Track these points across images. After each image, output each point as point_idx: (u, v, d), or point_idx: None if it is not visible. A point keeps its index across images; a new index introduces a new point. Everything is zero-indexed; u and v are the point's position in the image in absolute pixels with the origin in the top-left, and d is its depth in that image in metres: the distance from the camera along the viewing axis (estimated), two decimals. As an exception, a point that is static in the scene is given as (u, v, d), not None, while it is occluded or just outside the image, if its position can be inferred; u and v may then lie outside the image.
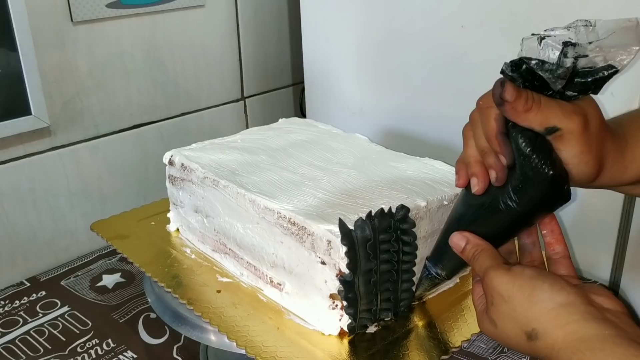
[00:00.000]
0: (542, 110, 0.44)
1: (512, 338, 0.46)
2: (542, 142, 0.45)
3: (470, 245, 0.51)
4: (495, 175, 0.48)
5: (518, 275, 0.46)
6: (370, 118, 1.10)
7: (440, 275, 0.57)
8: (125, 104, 1.07)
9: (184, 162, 0.76)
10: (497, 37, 0.87)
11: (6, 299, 0.93)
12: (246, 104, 1.29)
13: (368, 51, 1.06)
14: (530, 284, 0.45)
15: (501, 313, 0.46)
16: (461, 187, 0.51)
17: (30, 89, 0.91)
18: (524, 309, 0.45)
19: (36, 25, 0.91)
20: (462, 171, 0.50)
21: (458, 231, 0.52)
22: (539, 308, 0.44)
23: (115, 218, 0.87)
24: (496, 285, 0.46)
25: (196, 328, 0.67)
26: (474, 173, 0.49)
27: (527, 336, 0.44)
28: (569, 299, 0.43)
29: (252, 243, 0.69)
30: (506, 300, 0.46)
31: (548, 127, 0.45)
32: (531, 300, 0.44)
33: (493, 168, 0.48)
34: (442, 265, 0.56)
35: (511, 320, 0.46)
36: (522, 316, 0.45)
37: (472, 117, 0.50)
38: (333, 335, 0.62)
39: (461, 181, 0.50)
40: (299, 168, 0.74)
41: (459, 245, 0.51)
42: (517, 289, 0.45)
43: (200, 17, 1.15)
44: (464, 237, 0.51)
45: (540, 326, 0.44)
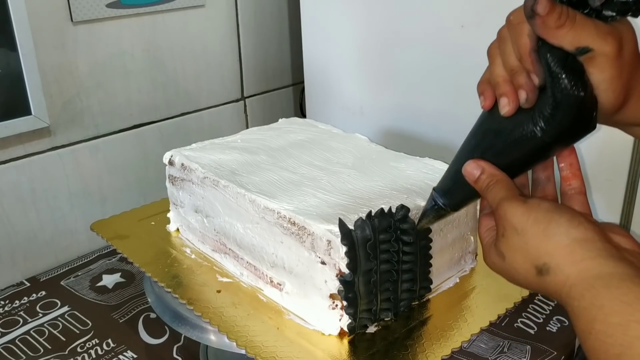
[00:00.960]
0: (575, 28, 0.41)
1: (519, 272, 0.44)
2: (574, 63, 0.43)
3: (485, 174, 0.47)
4: (526, 96, 0.44)
5: (534, 208, 0.44)
6: (370, 118, 1.10)
7: (447, 207, 0.52)
8: (125, 104, 1.07)
9: (184, 162, 0.76)
10: (497, 37, 0.87)
11: (6, 299, 0.93)
12: (246, 104, 1.29)
13: (368, 51, 1.06)
14: (547, 217, 0.43)
15: (512, 245, 0.44)
16: (487, 109, 0.47)
17: (30, 89, 0.91)
18: (537, 242, 0.42)
19: (36, 25, 0.91)
20: (487, 92, 0.47)
21: (473, 159, 0.48)
22: (553, 242, 0.42)
23: (115, 218, 0.87)
24: (510, 217, 0.44)
25: (196, 328, 0.67)
26: (503, 93, 0.45)
27: (537, 271, 0.43)
28: (586, 235, 0.41)
29: (252, 243, 0.69)
30: (519, 232, 0.43)
31: (580, 47, 0.42)
32: (546, 234, 0.42)
33: (523, 88, 0.44)
34: (450, 196, 0.52)
35: (521, 254, 0.43)
36: (534, 249, 0.43)
37: (500, 35, 0.46)
38: (333, 335, 0.62)
39: (487, 102, 0.47)
40: (299, 168, 0.74)
41: (472, 174, 0.48)
42: (532, 222, 0.43)
43: (200, 17, 1.15)
44: (479, 166, 0.47)
45: (552, 261, 0.42)
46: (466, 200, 0.52)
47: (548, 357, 0.75)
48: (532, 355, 0.75)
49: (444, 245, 0.69)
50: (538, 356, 0.75)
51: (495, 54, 0.47)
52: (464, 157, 0.49)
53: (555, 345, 0.76)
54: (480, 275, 0.73)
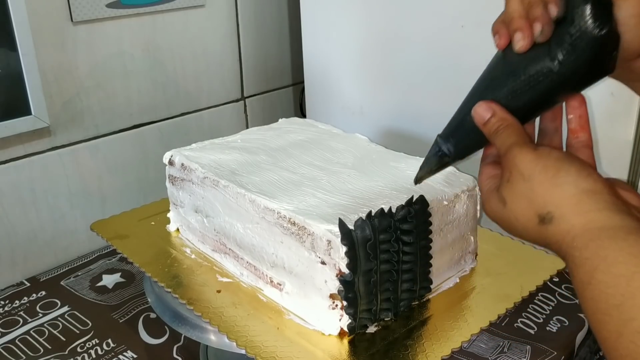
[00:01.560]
0: None
1: (519, 219, 0.43)
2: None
3: (495, 118, 0.45)
4: (541, 28, 0.42)
5: (544, 155, 0.42)
6: (370, 118, 1.10)
7: (451, 153, 0.50)
8: (125, 104, 1.07)
9: (184, 162, 0.76)
10: (497, 37, 0.87)
11: (6, 299, 0.93)
12: (246, 104, 1.29)
13: (368, 51, 1.06)
14: (556, 165, 0.42)
15: (516, 191, 0.43)
16: (502, 47, 0.45)
17: (30, 89, 0.91)
18: (544, 189, 0.41)
19: (36, 25, 0.91)
20: (502, 30, 0.45)
21: (484, 101, 0.46)
22: (560, 191, 0.41)
23: (115, 218, 0.87)
24: (518, 163, 0.43)
25: (196, 328, 0.67)
26: (517, 27, 0.43)
27: (540, 219, 0.42)
28: (595, 186, 0.40)
29: (252, 243, 0.69)
30: (526, 178, 0.42)
31: None
32: (553, 183, 0.41)
33: (539, 20, 0.42)
34: (455, 142, 0.50)
35: (525, 200, 0.42)
36: (540, 197, 0.41)
37: None
38: (333, 335, 0.62)
39: (503, 40, 0.45)
40: (299, 168, 0.74)
41: (482, 116, 0.46)
42: (541, 169, 0.42)
43: (200, 17, 1.15)
44: (490, 109, 0.46)
45: (557, 210, 0.41)
46: (472, 147, 0.50)
47: (548, 357, 0.75)
48: (532, 355, 0.75)
49: (444, 245, 0.69)
50: (538, 356, 0.75)
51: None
52: (473, 101, 0.47)
53: (555, 345, 0.76)
54: (480, 275, 0.73)
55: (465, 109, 0.48)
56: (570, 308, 0.85)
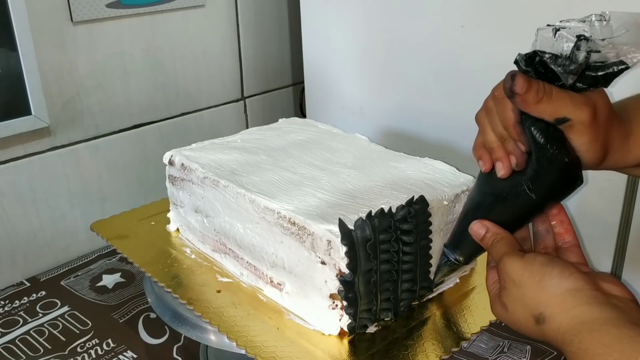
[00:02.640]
0: (553, 101, 0.46)
1: (521, 322, 0.48)
2: (555, 132, 0.47)
3: (489, 233, 0.52)
4: (515, 161, 0.50)
5: (530, 262, 0.47)
6: (370, 118, 1.10)
7: (459, 261, 0.58)
8: (125, 104, 1.07)
9: (184, 162, 0.76)
10: (497, 37, 0.87)
11: (6, 299, 0.93)
12: (246, 104, 1.29)
13: (368, 51, 1.06)
14: (541, 270, 0.46)
15: (512, 297, 0.48)
16: (487, 172, 0.52)
17: (30, 89, 0.91)
18: (533, 293, 0.46)
19: (36, 25, 0.91)
20: (485, 156, 0.52)
21: (478, 220, 0.53)
22: (547, 293, 0.45)
23: (115, 218, 0.87)
24: (509, 271, 0.48)
25: (196, 328, 0.67)
26: (498, 158, 0.50)
27: (535, 320, 0.46)
28: (577, 284, 0.45)
29: (252, 243, 0.69)
30: (517, 285, 0.47)
31: (559, 118, 0.46)
32: (540, 286, 0.46)
33: (513, 154, 0.50)
34: (461, 252, 0.57)
35: (521, 305, 0.47)
36: (531, 300, 0.46)
37: (487, 105, 0.51)
38: (333, 335, 0.62)
39: (487, 165, 0.51)
40: (299, 168, 0.74)
41: (478, 233, 0.53)
42: (528, 275, 0.47)
43: (200, 17, 1.15)
44: (484, 226, 0.52)
45: (547, 310, 0.45)
46: (475, 254, 0.57)
47: (548, 357, 0.75)
48: (532, 355, 0.75)
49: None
50: (538, 356, 0.75)
51: (484, 122, 0.51)
52: (470, 216, 0.54)
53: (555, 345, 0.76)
54: (480, 275, 0.73)
55: (464, 223, 0.55)
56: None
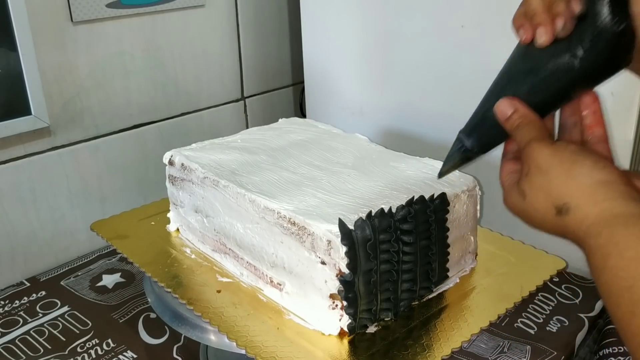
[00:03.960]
0: None
1: (539, 211, 0.45)
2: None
3: (517, 114, 0.48)
4: (563, 24, 0.45)
5: (561, 149, 0.45)
6: (370, 118, 1.10)
7: (474, 148, 0.53)
8: (125, 104, 1.07)
9: (184, 162, 0.76)
10: (497, 37, 0.87)
11: (6, 299, 0.93)
12: (246, 104, 1.29)
13: (368, 51, 1.06)
14: (572, 158, 0.44)
15: (534, 184, 0.45)
16: (527, 41, 0.47)
17: (30, 89, 0.91)
18: (560, 181, 0.44)
19: (36, 25, 0.91)
20: (526, 24, 0.46)
21: (506, 97, 0.48)
22: (576, 182, 0.43)
23: (115, 218, 0.87)
24: (537, 156, 0.45)
25: (196, 328, 0.67)
26: (540, 22, 0.45)
27: (557, 210, 0.43)
28: (609, 177, 0.42)
29: (252, 243, 0.69)
30: (543, 172, 0.44)
31: None
32: (569, 175, 0.43)
33: (561, 16, 0.45)
34: (478, 137, 0.52)
35: (543, 193, 0.44)
36: (556, 189, 0.44)
37: None
38: (333, 335, 0.62)
39: (528, 34, 0.46)
40: (299, 168, 0.74)
41: (505, 112, 0.48)
42: (557, 162, 0.44)
43: (200, 17, 1.15)
44: (512, 105, 0.48)
45: (573, 201, 0.43)
46: (494, 141, 0.52)
47: (548, 357, 0.75)
48: (532, 355, 0.75)
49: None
50: (538, 356, 0.75)
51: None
52: (495, 96, 0.49)
53: (555, 345, 0.76)
54: (480, 275, 0.73)
55: (487, 104, 0.50)
56: (570, 308, 0.85)
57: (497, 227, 0.81)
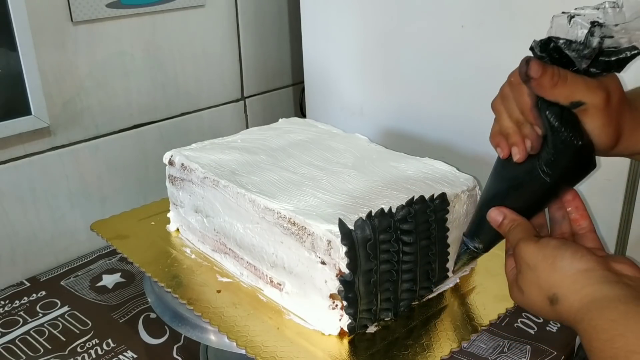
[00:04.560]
0: (568, 85, 0.47)
1: (537, 303, 0.49)
2: (570, 115, 0.49)
3: (507, 220, 0.54)
4: (531, 144, 0.51)
5: (544, 245, 0.49)
6: (370, 118, 1.10)
7: (478, 249, 0.59)
8: (125, 104, 1.07)
9: (184, 162, 0.76)
10: (497, 37, 0.87)
11: (6, 299, 0.93)
12: (246, 104, 1.29)
13: (368, 51, 1.06)
14: (554, 252, 0.48)
15: (527, 280, 0.50)
16: (505, 158, 0.53)
17: (30, 89, 0.91)
18: (547, 275, 0.48)
19: (36, 25, 0.91)
20: (502, 142, 0.53)
21: (495, 207, 0.55)
22: (559, 274, 0.47)
23: (115, 218, 0.87)
24: (524, 255, 0.50)
25: (196, 328, 0.67)
26: (514, 143, 0.52)
27: (550, 301, 0.48)
28: (588, 265, 0.46)
29: (252, 243, 0.69)
30: (532, 268, 0.49)
31: (573, 102, 0.48)
32: (553, 268, 0.48)
33: (529, 138, 0.51)
34: (480, 239, 0.59)
35: (535, 287, 0.49)
36: (545, 282, 0.48)
37: (503, 92, 0.53)
38: (333, 335, 0.62)
39: (505, 151, 0.53)
40: (299, 168, 0.74)
41: (496, 220, 0.55)
42: (542, 257, 0.49)
43: (200, 17, 1.15)
44: (501, 213, 0.54)
45: (560, 291, 0.47)
46: (494, 241, 0.59)
47: (548, 357, 0.75)
48: (532, 355, 0.75)
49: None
50: (538, 356, 0.75)
51: (500, 109, 0.53)
52: (487, 204, 0.56)
53: (555, 345, 0.76)
54: (480, 275, 0.73)
55: (482, 211, 0.57)
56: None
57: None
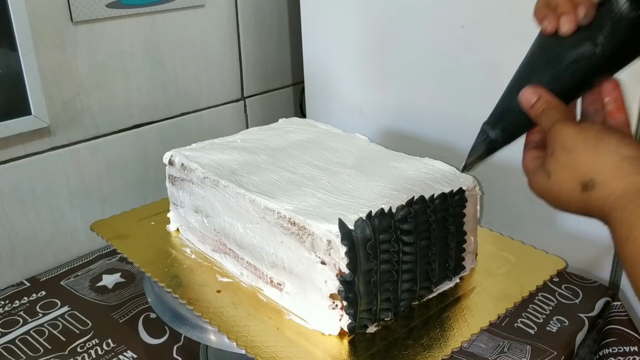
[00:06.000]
0: None
1: (564, 188, 0.46)
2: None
3: (541, 100, 0.49)
4: (585, 12, 0.46)
5: (586, 128, 0.46)
6: (370, 118, 1.10)
7: (499, 138, 0.53)
8: (125, 104, 1.07)
9: (184, 162, 0.76)
10: (497, 37, 0.87)
11: (6, 299, 0.93)
12: (246, 104, 1.29)
13: (368, 51, 1.06)
14: (598, 136, 0.45)
15: (560, 163, 0.46)
16: (552, 31, 0.48)
17: (30, 89, 0.91)
18: (586, 158, 0.45)
19: (36, 25, 0.91)
20: (550, 14, 0.48)
21: (531, 85, 0.50)
22: (601, 159, 0.44)
23: (115, 218, 0.87)
24: (562, 136, 0.46)
25: (196, 328, 0.67)
26: (563, 12, 0.47)
27: (583, 187, 0.45)
28: (635, 153, 0.44)
29: (252, 243, 0.69)
30: (569, 150, 0.46)
31: None
32: (595, 152, 0.44)
33: (583, 4, 0.47)
34: (502, 127, 0.53)
35: (568, 171, 0.46)
36: (582, 166, 0.45)
37: None
38: (333, 335, 0.62)
39: (552, 24, 0.48)
40: (299, 168, 0.74)
41: (529, 100, 0.50)
42: (583, 140, 0.45)
43: (200, 17, 1.15)
44: (536, 92, 0.49)
45: (599, 177, 0.44)
46: (518, 130, 0.53)
47: (548, 357, 0.75)
48: (532, 355, 0.75)
49: (444, 245, 0.69)
50: (538, 356, 0.75)
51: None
52: (518, 87, 0.50)
53: (555, 345, 0.76)
54: (480, 275, 0.73)
55: (510, 95, 0.51)
56: (570, 308, 0.85)
57: (497, 227, 0.81)
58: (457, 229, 0.68)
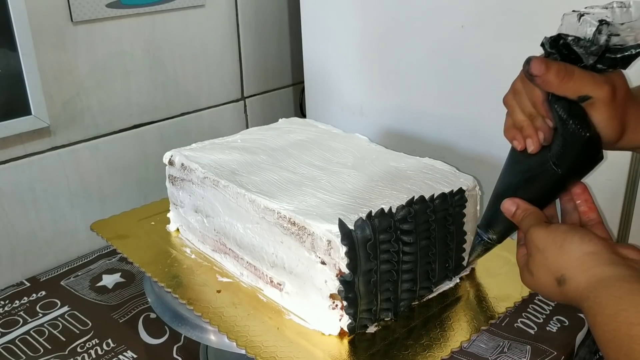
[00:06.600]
0: (575, 80, 0.49)
1: (545, 285, 0.52)
2: (577, 109, 0.51)
3: (520, 209, 0.56)
4: (544, 136, 0.54)
5: (553, 230, 0.52)
6: (370, 118, 1.10)
7: (492, 240, 0.61)
8: (125, 104, 1.07)
9: (184, 162, 0.77)
10: (497, 37, 0.87)
11: (6, 299, 0.93)
12: (246, 104, 1.29)
13: (368, 51, 1.06)
14: (563, 236, 0.51)
15: (537, 263, 0.53)
16: (522, 149, 0.55)
17: (30, 89, 0.91)
18: (555, 257, 0.51)
19: (36, 25, 0.91)
20: (518, 135, 0.55)
21: (509, 198, 0.57)
22: (567, 256, 0.50)
23: (115, 218, 0.87)
24: (534, 239, 0.53)
25: (196, 328, 0.67)
26: (528, 135, 0.55)
27: (557, 282, 0.51)
28: (595, 248, 0.49)
29: (252, 243, 0.69)
30: (541, 251, 0.52)
31: (581, 96, 0.50)
32: (562, 250, 0.50)
33: (541, 130, 0.54)
34: (493, 230, 0.61)
35: (545, 269, 0.52)
36: (553, 264, 0.51)
37: (515, 87, 0.55)
38: (333, 335, 0.62)
39: (522, 143, 0.55)
40: (299, 168, 0.74)
41: (510, 210, 0.57)
42: (551, 241, 0.51)
43: (200, 17, 1.15)
44: (515, 203, 0.57)
45: (568, 272, 0.50)
46: (507, 232, 0.61)
47: (548, 357, 0.75)
48: (532, 355, 0.75)
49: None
50: (538, 356, 0.75)
51: (513, 104, 0.55)
52: (501, 196, 0.58)
53: (555, 345, 0.76)
54: (480, 275, 0.73)
55: (495, 203, 0.59)
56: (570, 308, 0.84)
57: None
58: (457, 229, 0.69)
